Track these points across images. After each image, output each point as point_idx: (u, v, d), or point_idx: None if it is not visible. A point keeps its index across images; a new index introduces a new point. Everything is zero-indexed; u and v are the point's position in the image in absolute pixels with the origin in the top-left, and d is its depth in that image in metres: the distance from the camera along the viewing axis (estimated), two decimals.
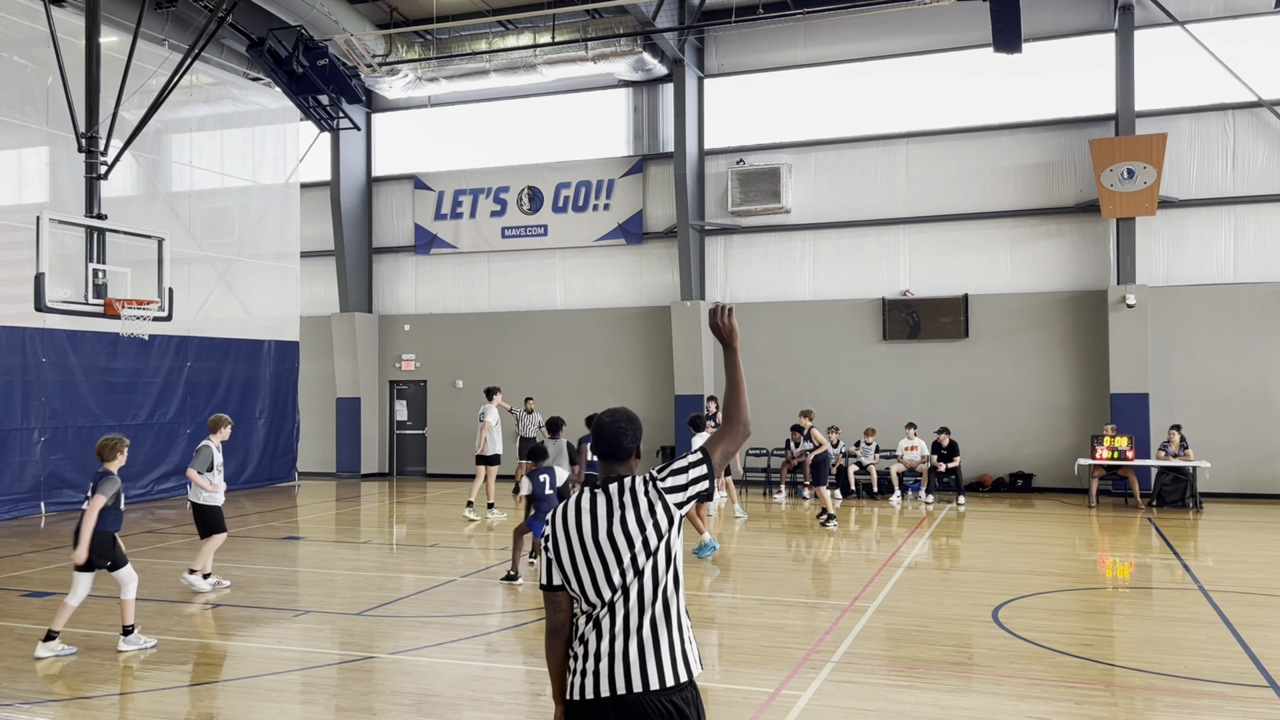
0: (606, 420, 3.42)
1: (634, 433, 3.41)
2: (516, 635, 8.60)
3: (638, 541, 3.19)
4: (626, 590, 3.19)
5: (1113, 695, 6.90)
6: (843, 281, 20.19)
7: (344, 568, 12.05)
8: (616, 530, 3.21)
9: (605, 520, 3.24)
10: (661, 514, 3.21)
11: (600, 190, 21.71)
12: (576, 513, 3.30)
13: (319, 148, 22.44)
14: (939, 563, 12.23)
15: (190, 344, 18.99)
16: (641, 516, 3.20)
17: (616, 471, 3.39)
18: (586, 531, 3.25)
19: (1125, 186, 17.61)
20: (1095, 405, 18.46)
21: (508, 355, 22.26)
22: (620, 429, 3.40)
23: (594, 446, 3.42)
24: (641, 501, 3.23)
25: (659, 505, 3.22)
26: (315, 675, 7.46)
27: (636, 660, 3.17)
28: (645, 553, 3.19)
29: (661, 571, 3.21)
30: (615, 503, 3.25)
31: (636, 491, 3.25)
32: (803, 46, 20.35)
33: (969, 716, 6.45)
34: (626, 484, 3.30)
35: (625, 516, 3.22)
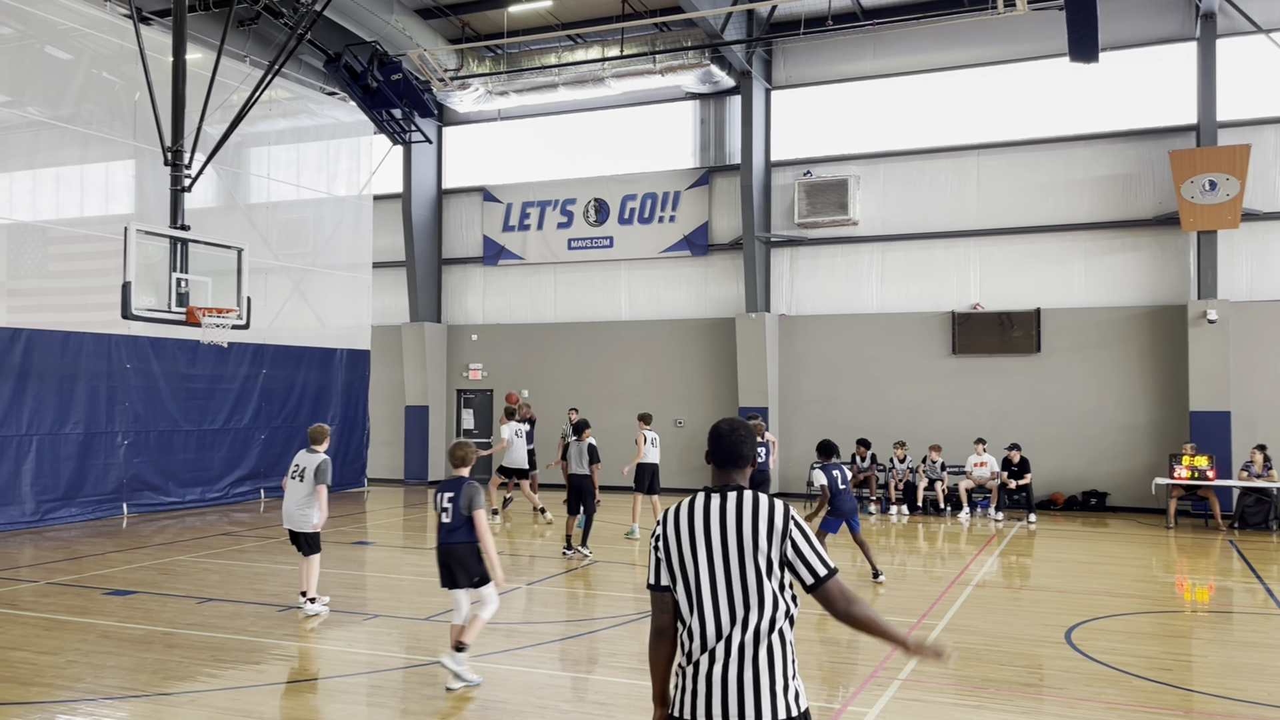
0: (726, 429, 3.42)
1: (752, 441, 3.44)
2: (581, 644, 8.64)
3: (762, 556, 3.20)
4: (744, 603, 3.18)
5: None
6: (911, 294, 19.95)
7: (411, 573, 12.23)
8: (731, 537, 3.22)
9: (719, 524, 3.24)
10: (777, 548, 3.22)
11: (666, 202, 21.78)
12: (690, 514, 3.31)
13: (391, 161, 22.89)
14: (1009, 581, 11.99)
15: (266, 351, 19.48)
16: (771, 534, 3.22)
17: (734, 480, 3.39)
18: (699, 533, 3.26)
19: (1206, 199, 17.14)
20: (1174, 423, 17.95)
21: (573, 366, 22.41)
22: (741, 437, 3.42)
23: (714, 454, 3.42)
24: (777, 522, 3.24)
25: (781, 541, 3.22)
26: (383, 679, 7.59)
27: (751, 692, 3.15)
28: (766, 566, 3.20)
29: (778, 595, 3.21)
30: (736, 510, 3.26)
31: (775, 511, 3.26)
32: (872, 58, 20.21)
33: None
34: (749, 496, 3.30)
35: (743, 528, 3.23)
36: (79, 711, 6.67)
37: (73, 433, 15.97)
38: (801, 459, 20.40)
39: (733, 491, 3.32)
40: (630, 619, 9.50)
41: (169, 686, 7.27)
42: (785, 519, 3.26)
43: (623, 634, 8.99)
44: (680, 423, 21.46)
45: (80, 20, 16.30)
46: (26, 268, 15.94)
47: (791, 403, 20.70)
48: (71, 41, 16.44)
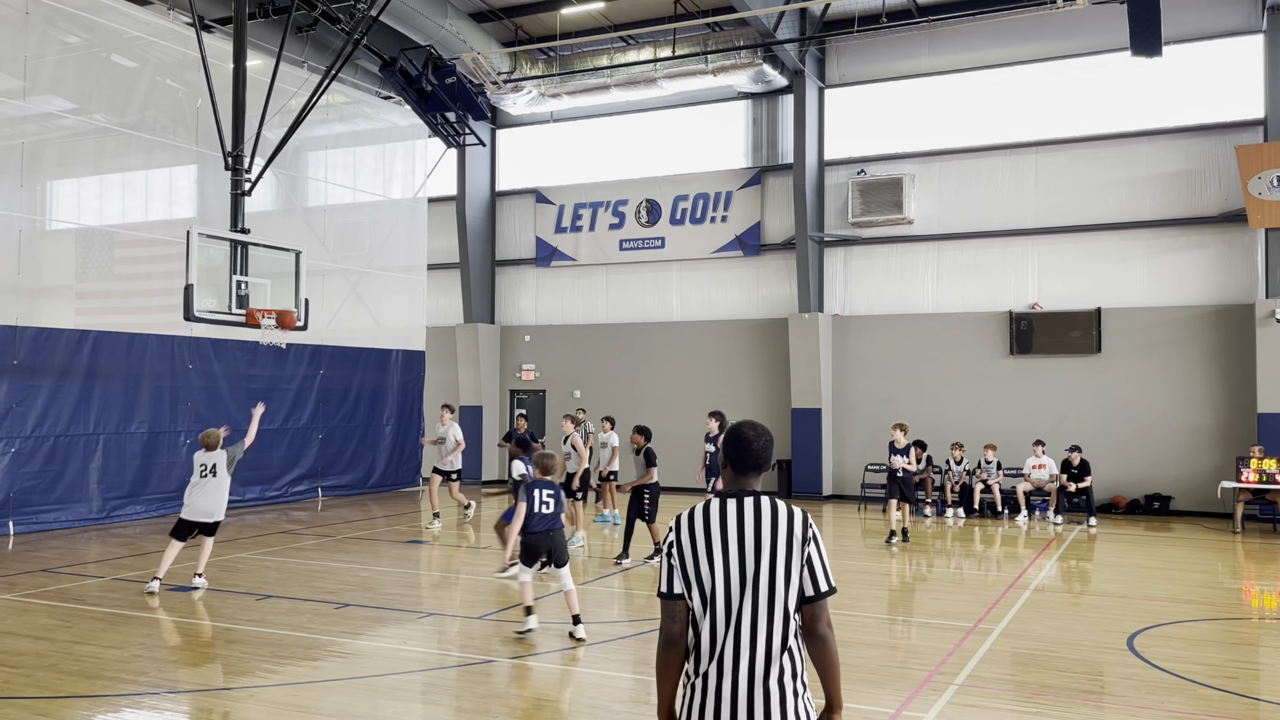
0: (752, 434, 3.33)
1: (773, 447, 3.37)
2: (631, 645, 8.64)
3: (780, 564, 3.13)
4: (760, 613, 3.11)
5: None
6: (967, 294, 19.67)
7: (465, 571, 12.34)
8: (749, 545, 3.14)
9: (738, 530, 3.16)
10: (798, 555, 3.16)
11: (718, 202, 21.72)
12: (706, 520, 3.21)
13: (446, 163, 23.11)
14: (1069, 586, 11.76)
15: (323, 352, 19.79)
16: (791, 541, 3.16)
17: (751, 486, 3.30)
18: (715, 540, 3.17)
19: (1275, 195, 16.65)
20: (1241, 425, 17.47)
21: (625, 366, 22.44)
22: (768, 442, 3.34)
23: (736, 459, 3.31)
24: (797, 529, 3.18)
25: (802, 547, 3.17)
26: (437, 676, 7.66)
27: (761, 707, 3.07)
28: (785, 576, 3.13)
29: (789, 607, 3.14)
30: (755, 517, 3.18)
31: (795, 517, 3.19)
32: (927, 55, 19.96)
33: None
34: (768, 502, 3.21)
35: (762, 535, 3.15)
36: (143, 705, 6.83)
37: (137, 431, 16.36)
38: (856, 460, 20.21)
39: (749, 497, 3.23)
40: None
41: (229, 681, 7.42)
42: (805, 526, 3.19)
43: None
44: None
45: (144, 29, 16.70)
46: (94, 271, 16.38)
47: (846, 404, 20.51)
48: (136, 50, 16.85)
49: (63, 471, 15.23)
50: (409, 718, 6.72)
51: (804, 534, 3.17)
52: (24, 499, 14.65)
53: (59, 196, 16.76)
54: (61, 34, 15.94)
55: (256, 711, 6.78)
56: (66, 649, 8.12)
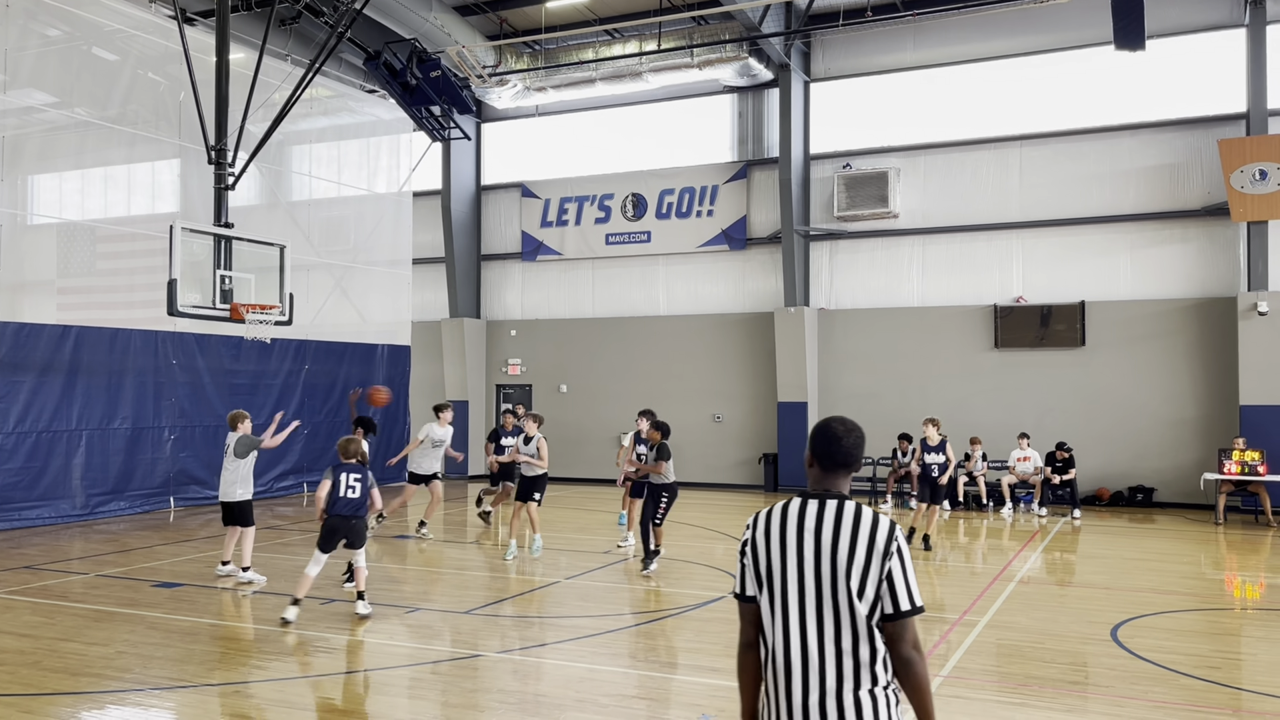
0: (841, 430, 3.16)
1: (863, 444, 3.18)
2: (620, 638, 8.64)
3: (856, 573, 2.96)
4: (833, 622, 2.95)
5: None
6: (952, 287, 19.73)
7: (452, 567, 12.32)
8: (825, 550, 2.98)
9: (814, 534, 3.01)
10: (876, 567, 2.97)
11: (704, 196, 21.72)
12: (783, 520, 3.08)
13: (430, 157, 23.02)
14: (1054, 578, 11.84)
15: (308, 347, 19.71)
16: (871, 551, 2.97)
17: (837, 486, 3.13)
18: (791, 542, 3.03)
19: (1257, 188, 16.77)
20: (1223, 417, 17.61)
21: (611, 361, 22.44)
22: (858, 440, 3.16)
23: (822, 456, 3.14)
24: (879, 539, 2.98)
25: (882, 560, 2.98)
26: (424, 671, 7.65)
27: (834, 712, 2.93)
28: (859, 586, 2.96)
29: (868, 618, 2.96)
30: (836, 521, 3.01)
31: (879, 526, 3.00)
32: (912, 49, 19.99)
33: None
34: (852, 507, 3.04)
35: (840, 541, 2.98)
36: (128, 701, 6.79)
37: (121, 427, 16.26)
38: None
39: (833, 499, 3.06)
40: (669, 613, 9.49)
41: (215, 677, 7.38)
42: (889, 538, 2.98)
43: (663, 629, 8.99)
44: (719, 418, 21.41)
45: (126, 22, 16.56)
46: (76, 266, 16.25)
47: (831, 397, 20.56)
48: (117, 43, 16.71)
49: (45, 468, 15.12)
50: (396, 712, 6.71)
51: (886, 546, 2.97)
52: (6, 495, 14.55)
53: (40, 191, 16.64)
54: (42, 27, 15.79)
55: (243, 707, 6.76)
56: (50, 646, 8.07)
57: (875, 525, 3.00)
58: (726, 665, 7.91)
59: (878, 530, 2.99)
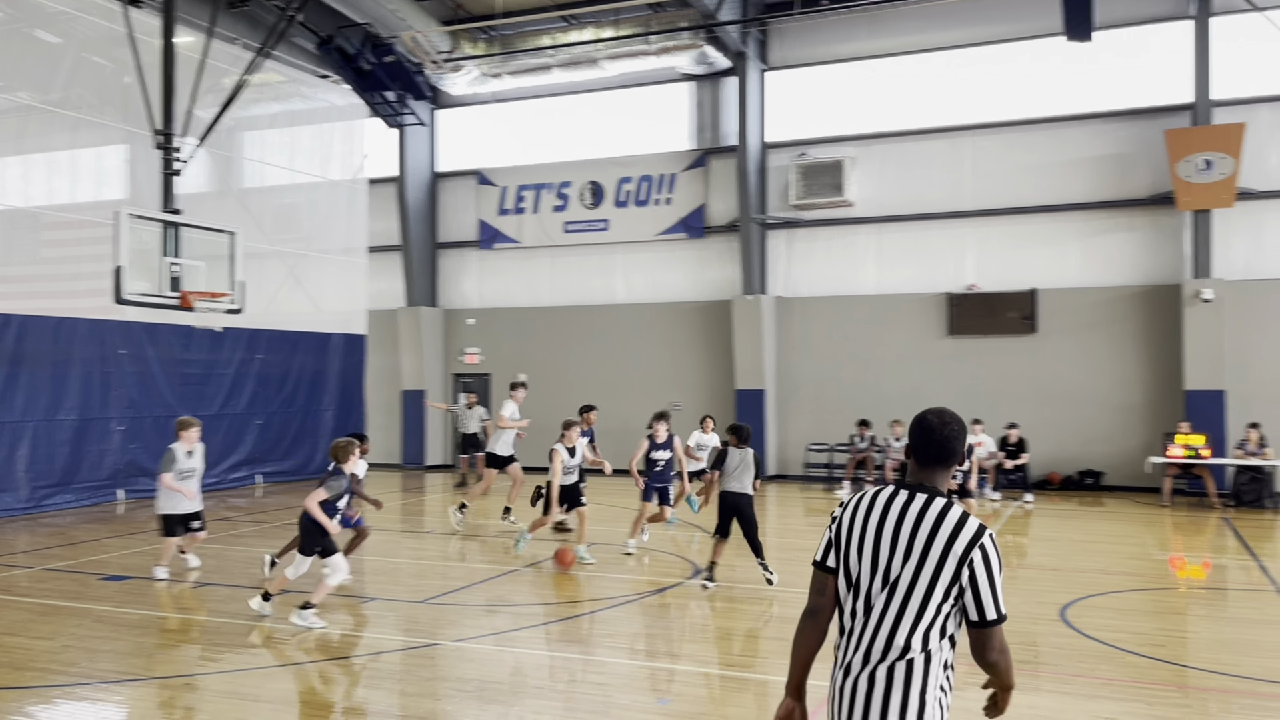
0: (937, 421, 3.10)
1: (964, 437, 3.12)
2: (578, 624, 8.65)
3: (928, 571, 2.93)
4: (900, 614, 2.95)
5: (1186, 697, 6.73)
6: (907, 275, 19.92)
7: (408, 556, 12.25)
8: (902, 543, 2.97)
9: (895, 525, 3.00)
10: (951, 569, 2.93)
11: (662, 185, 21.72)
12: (871, 505, 3.08)
13: (385, 144, 22.79)
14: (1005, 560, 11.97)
15: (261, 336, 19.44)
16: (948, 552, 2.93)
17: (933, 480, 3.08)
18: (871, 529, 3.03)
19: (1202, 177, 17.10)
20: (1168, 402, 17.97)
21: (569, 349, 22.39)
22: (954, 432, 3.08)
23: (918, 449, 3.10)
24: (959, 543, 2.92)
25: (958, 564, 2.92)
26: (381, 661, 7.60)
27: (880, 701, 2.95)
28: (929, 584, 2.93)
29: (937, 616, 2.95)
30: (919, 516, 2.98)
31: (963, 529, 2.94)
32: (867, 38, 20.10)
33: (1036, 715, 6.34)
34: (940, 504, 3.00)
35: (917, 536, 2.96)
36: (75, 696, 6.68)
37: (67, 419, 15.93)
38: (799, 441, 20.43)
39: (924, 494, 3.03)
40: (627, 600, 9.51)
41: (165, 670, 7.28)
42: (972, 544, 2.92)
43: (619, 615, 9.01)
44: (678, 406, 21.45)
45: (69, 3, 16.16)
46: (19, 254, 15.87)
47: (789, 385, 20.70)
48: (60, 25, 16.31)
49: None
50: (352, 702, 6.66)
51: (966, 551, 2.91)
52: None
53: None
54: None
55: (193, 699, 6.67)
56: None
57: (959, 527, 2.94)
58: (684, 651, 7.95)
59: (960, 533, 2.93)
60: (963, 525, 2.93)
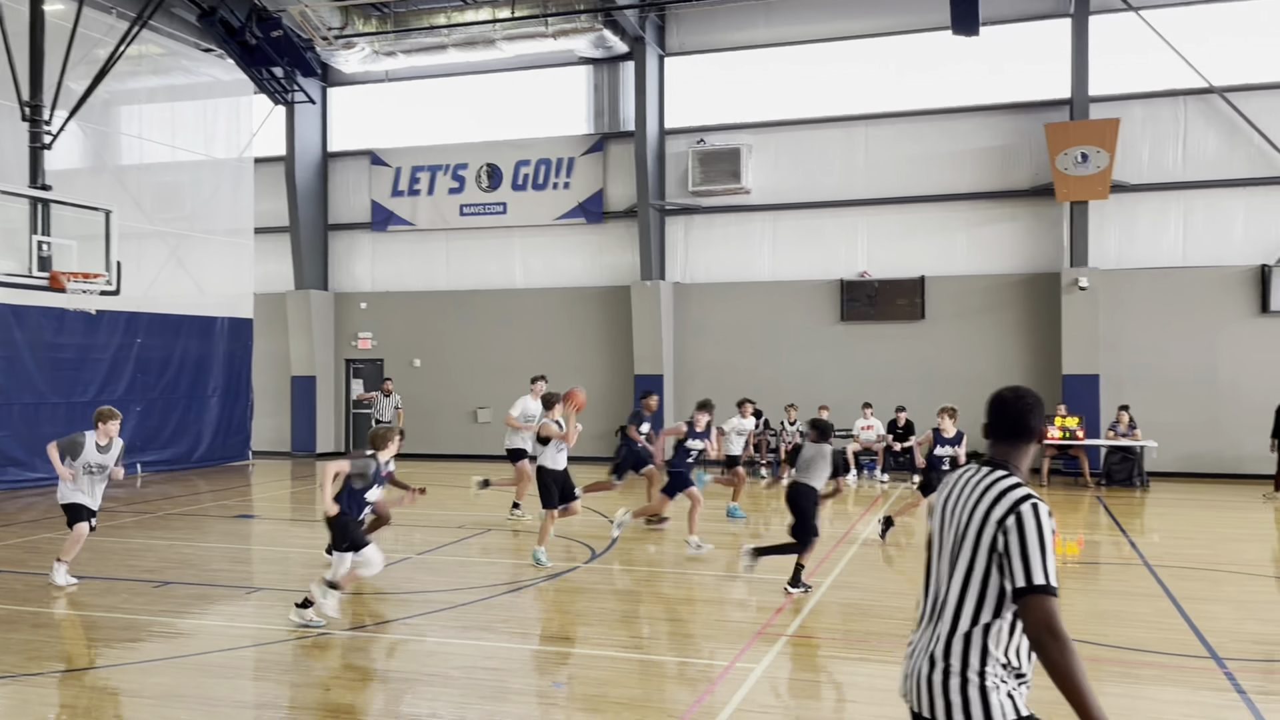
0: (1010, 396, 3.13)
1: (1041, 413, 3.09)
2: (473, 611, 8.56)
3: (970, 539, 2.93)
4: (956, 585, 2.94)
5: None
6: (802, 262, 20.27)
7: (299, 545, 11.93)
8: (961, 515, 2.99)
9: (958, 498, 3.04)
10: (989, 536, 2.89)
11: (560, 168, 21.59)
12: (953, 482, 3.13)
13: (273, 122, 22.07)
14: (893, 540, 12.36)
15: (140, 320, 18.64)
16: (986, 519, 2.91)
17: (1008, 456, 3.08)
18: (942, 504, 3.11)
19: (1079, 170, 17.84)
20: (1047, 386, 18.73)
21: (466, 334, 22.12)
22: (1027, 406, 3.10)
23: (990, 425, 3.12)
24: (997, 509, 2.90)
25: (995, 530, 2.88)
26: (269, 652, 7.39)
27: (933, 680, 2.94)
28: (972, 553, 2.92)
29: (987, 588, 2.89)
30: (974, 487, 3.00)
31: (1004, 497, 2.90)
32: (763, 26, 20.33)
33: None
34: (992, 475, 2.99)
35: (962, 506, 3.00)
36: None
37: None
38: None
39: (987, 466, 3.05)
40: (523, 585, 9.46)
41: (36, 667, 6.93)
42: (1007, 510, 2.86)
43: (517, 601, 8.95)
44: None
45: None
46: None
47: (687, 370, 20.87)
48: None
49: None
50: (238, 695, 6.46)
51: (1002, 518, 2.86)
52: None
53: None
54: None
55: (69, 696, 6.37)
56: None
57: (1000, 496, 2.92)
58: (580, 635, 7.95)
59: (1000, 501, 2.90)
60: (1004, 494, 2.91)
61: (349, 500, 7.89)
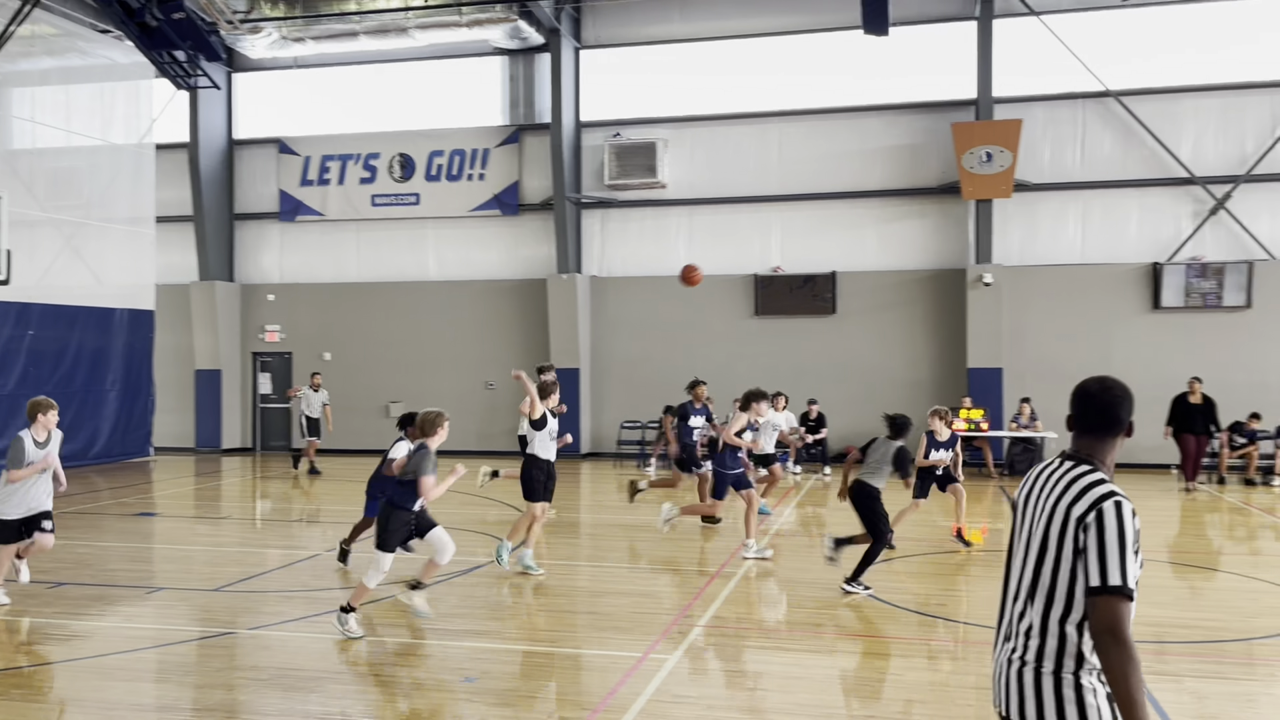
0: (1096, 387, 2.99)
1: (1129, 405, 2.96)
2: (383, 607, 8.43)
3: (1053, 536, 2.85)
4: (1037, 584, 2.88)
5: (963, 651, 7.24)
6: (717, 257, 20.42)
7: (203, 544, 11.60)
8: (1044, 511, 2.92)
9: (1040, 493, 2.96)
10: (1070, 534, 2.81)
11: (475, 159, 21.36)
12: (1035, 476, 3.06)
13: (176, 107, 21.36)
14: (805, 530, 12.58)
15: (32, 311, 17.86)
16: (1068, 516, 2.83)
17: (1092, 450, 2.96)
18: (1024, 499, 3.04)
19: (984, 169, 18.34)
20: (953, 379, 19.25)
21: (378, 327, 21.74)
22: (1115, 398, 2.96)
23: (1074, 417, 3.02)
24: (1078, 506, 2.81)
25: (1076, 527, 2.80)
26: (170, 653, 7.17)
27: (1022, 685, 2.86)
28: (1056, 551, 2.84)
29: (1072, 587, 2.81)
30: (1055, 482, 2.92)
31: (1086, 494, 2.82)
32: (679, 21, 20.41)
33: (827, 674, 6.68)
34: (1076, 470, 2.91)
35: (1041, 503, 2.93)
36: None
37: None
38: (613, 419, 20.63)
39: (1070, 460, 2.95)
40: (435, 580, 9.35)
41: None
42: (1089, 508, 2.77)
43: (428, 595, 8.83)
44: (491, 385, 21.25)
45: None
46: None
47: (603, 363, 20.87)
48: None
49: None
50: (138, 698, 6.25)
51: (1083, 515, 2.78)
52: None
53: None
54: None
55: None
56: None
57: (1082, 493, 2.83)
58: (492, 628, 7.90)
59: (1082, 498, 2.82)
60: (1086, 491, 2.83)
61: (399, 492, 7.51)
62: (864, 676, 6.77)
